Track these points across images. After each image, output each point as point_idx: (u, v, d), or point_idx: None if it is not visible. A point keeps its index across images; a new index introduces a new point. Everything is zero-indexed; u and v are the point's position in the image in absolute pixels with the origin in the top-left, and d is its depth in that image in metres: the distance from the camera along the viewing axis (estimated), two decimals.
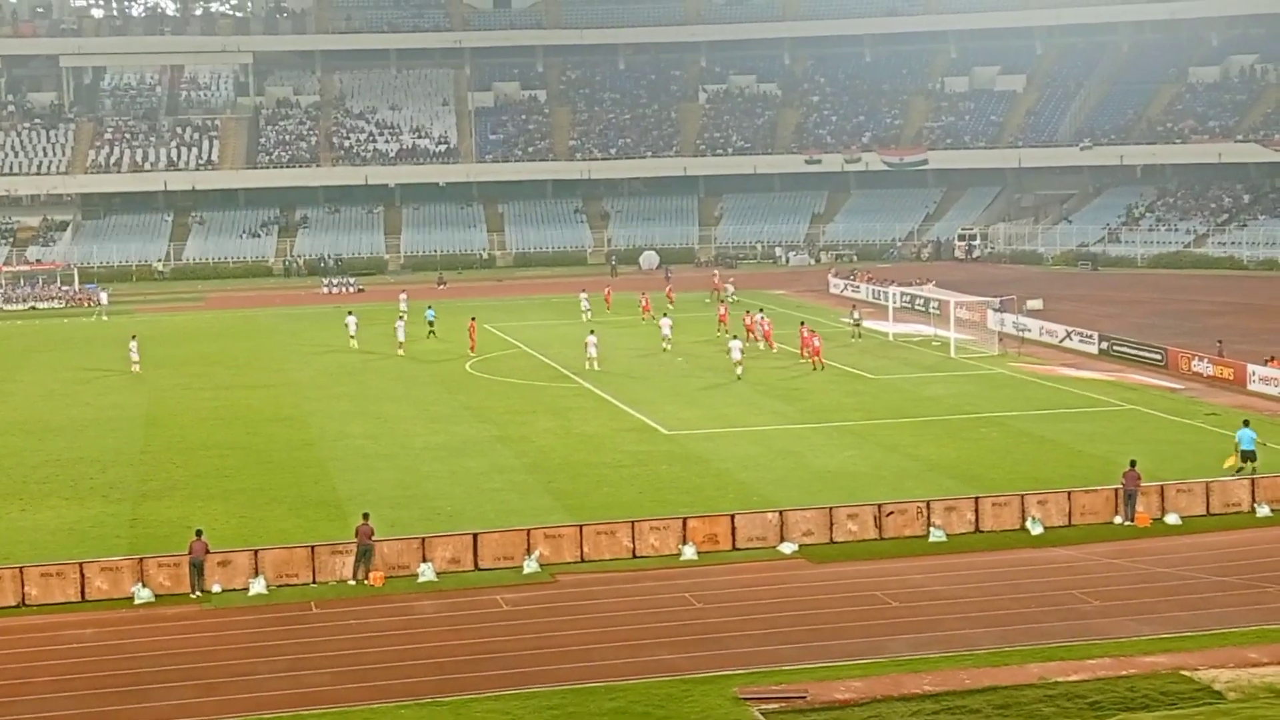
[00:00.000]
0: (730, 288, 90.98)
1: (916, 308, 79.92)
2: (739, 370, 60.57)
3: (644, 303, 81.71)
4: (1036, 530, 37.37)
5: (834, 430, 49.97)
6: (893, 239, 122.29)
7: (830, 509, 37.41)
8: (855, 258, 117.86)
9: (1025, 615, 31.00)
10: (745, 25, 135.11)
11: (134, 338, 68.19)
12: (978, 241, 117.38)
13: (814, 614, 31.46)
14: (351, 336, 73.18)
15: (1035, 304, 76.31)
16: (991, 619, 30.77)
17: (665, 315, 72.71)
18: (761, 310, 75.51)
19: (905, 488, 41.22)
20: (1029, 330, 71.27)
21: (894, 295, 79.04)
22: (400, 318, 73.69)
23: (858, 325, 73.05)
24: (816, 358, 62.86)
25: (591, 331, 66.45)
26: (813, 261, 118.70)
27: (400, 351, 69.31)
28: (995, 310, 73.34)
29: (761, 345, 68.84)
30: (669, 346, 68.55)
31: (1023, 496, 38.29)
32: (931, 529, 37.14)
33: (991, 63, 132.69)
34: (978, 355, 66.46)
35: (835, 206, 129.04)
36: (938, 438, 48.45)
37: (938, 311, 75.27)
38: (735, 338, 64.25)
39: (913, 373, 62.27)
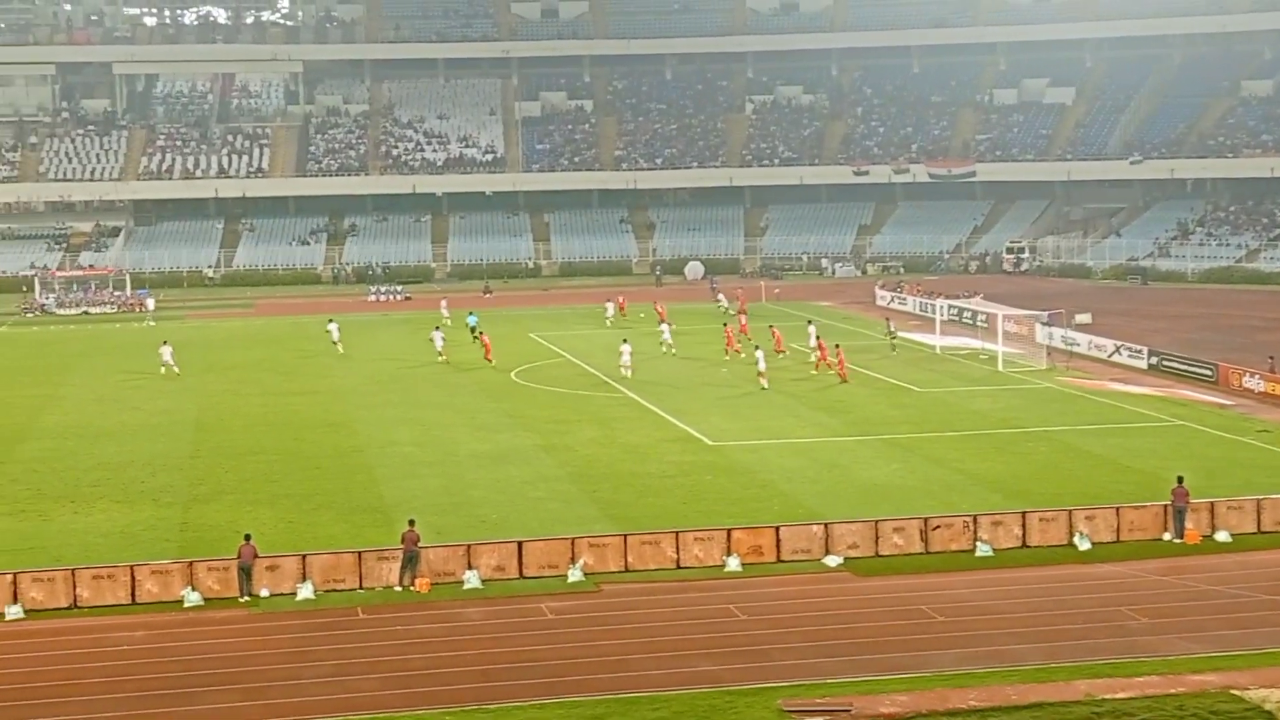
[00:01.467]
0: (723, 299, 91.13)
1: (964, 321, 79.58)
2: (763, 382, 60.70)
3: (740, 324, 78.69)
4: (1084, 546, 37.17)
5: (880, 443, 49.84)
6: (940, 251, 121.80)
7: (876, 522, 37.34)
8: (902, 270, 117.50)
9: (1072, 631, 30.85)
10: (793, 36, 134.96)
11: (165, 343, 69.18)
12: (1026, 254, 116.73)
13: (859, 627, 31.40)
14: (335, 342, 74.37)
15: (1084, 318, 75.92)
16: (1038, 634, 30.63)
17: (726, 324, 73.32)
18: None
19: (951, 502, 41.09)
20: (1077, 344, 70.88)
21: (941, 308, 78.75)
22: (437, 328, 74.06)
23: (893, 337, 72.86)
24: (836, 367, 63.16)
25: (625, 340, 66.67)
26: (859, 273, 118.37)
27: (441, 359, 69.57)
28: (1043, 324, 72.95)
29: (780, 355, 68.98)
30: (735, 353, 69.05)
31: (1070, 512, 38.09)
32: (978, 543, 37.00)
33: (1041, 75, 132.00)
34: (1025, 369, 66.14)
35: (882, 218, 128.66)
36: (984, 452, 48.27)
37: (985, 325, 74.93)
38: (759, 348, 64.20)
39: (960, 386, 62.04)
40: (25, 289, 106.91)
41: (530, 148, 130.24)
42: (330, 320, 77.84)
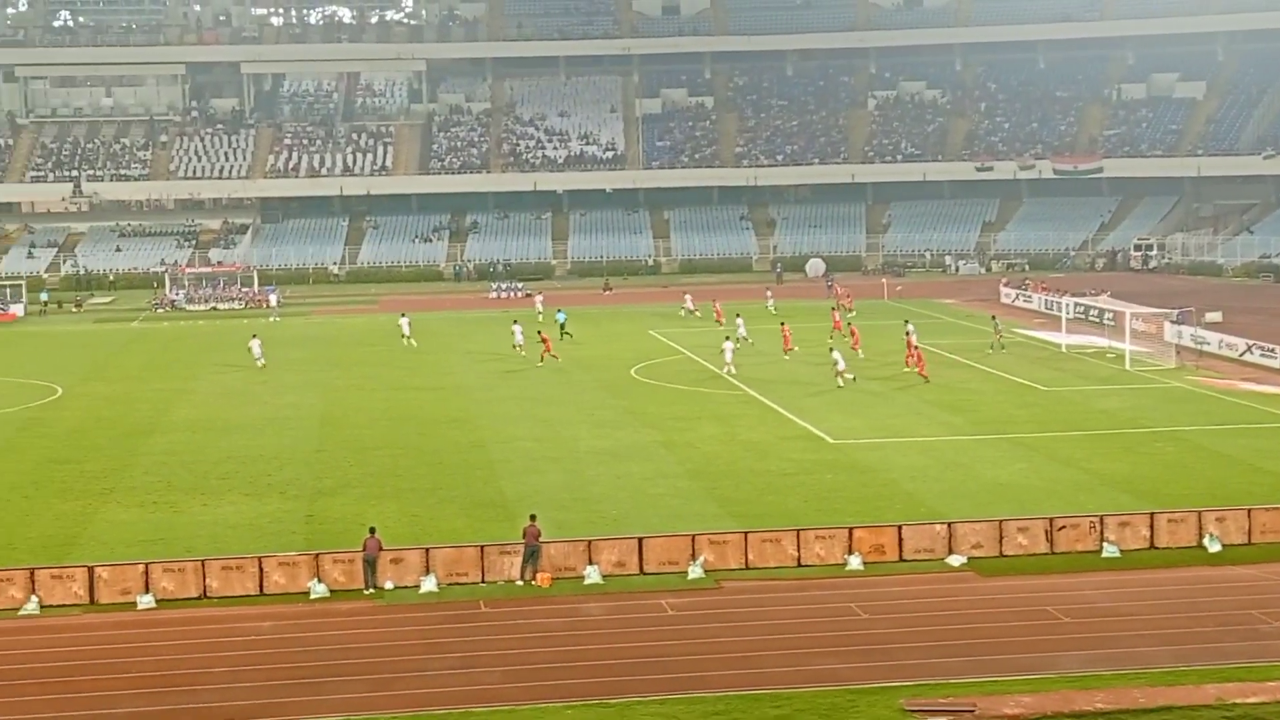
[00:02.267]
0: (769, 297, 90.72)
1: (1090, 319, 78.41)
2: (840, 381, 60.41)
3: (834, 320, 79.25)
4: (1214, 548, 36.45)
5: (1004, 442, 49.27)
6: (1066, 248, 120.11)
7: (1000, 522, 36.90)
8: (1027, 267, 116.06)
9: (1202, 634, 30.27)
10: (916, 31, 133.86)
11: (255, 336, 71.05)
12: (1154, 252, 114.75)
13: (982, 627, 31.06)
14: (405, 336, 75.99)
15: (1214, 316, 74.50)
16: (1166, 637, 30.10)
17: (783, 323, 72.65)
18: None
19: (1078, 502, 40.50)
20: (1207, 343, 69.54)
21: (1067, 306, 77.65)
22: (516, 321, 74.80)
23: (999, 334, 71.94)
24: (919, 366, 62.51)
25: (727, 338, 66.53)
26: (983, 271, 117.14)
27: (520, 351, 70.65)
28: (1173, 322, 71.68)
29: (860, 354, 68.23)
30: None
31: (1200, 513, 37.37)
32: (1104, 544, 36.43)
33: (1170, 69, 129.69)
34: (1154, 368, 65.02)
35: (1007, 215, 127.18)
36: (1111, 451, 47.52)
37: (1112, 323, 73.77)
38: (834, 349, 63.81)
39: (1086, 385, 61.14)
40: (156, 285, 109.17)
41: (650, 145, 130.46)
42: (402, 315, 79.31)
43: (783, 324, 72.39)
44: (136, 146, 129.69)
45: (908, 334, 67.65)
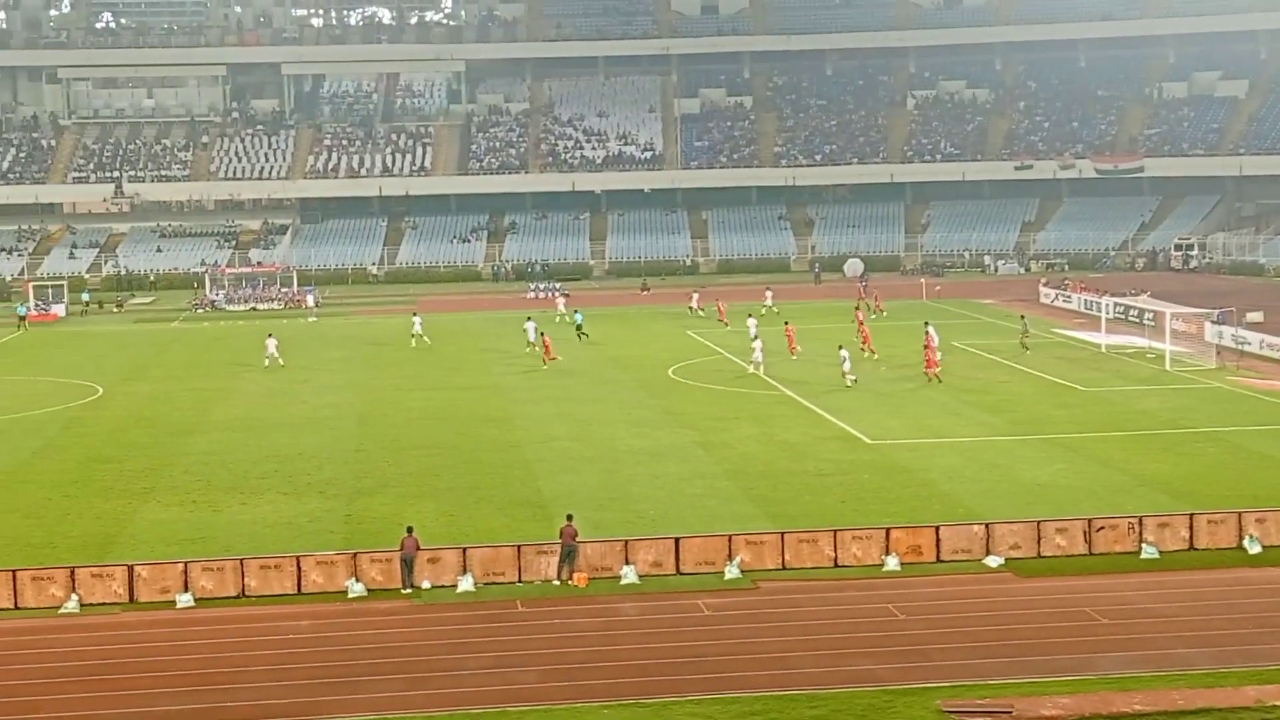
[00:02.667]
0: (769, 296, 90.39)
1: (1130, 319, 77.96)
2: (846, 381, 60.48)
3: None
4: (1254, 549, 36.20)
5: (1043, 443, 49.05)
6: (1106, 248, 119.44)
7: (1038, 523, 36.75)
8: (1066, 267, 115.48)
9: (1242, 636, 30.07)
10: (956, 30, 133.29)
11: (270, 336, 72.04)
12: (1195, 252, 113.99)
13: (1020, 628, 30.94)
14: (415, 334, 77.08)
15: (1256, 316, 73.92)
16: (1206, 639, 29.92)
17: (787, 323, 72.19)
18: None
19: (1117, 503, 40.29)
20: (1248, 343, 69.04)
21: (1107, 306, 77.24)
22: (529, 319, 75.80)
23: (1026, 335, 71.54)
24: (931, 369, 62.06)
25: (755, 337, 66.33)
26: (1022, 270, 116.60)
27: (529, 350, 71.67)
28: (1213, 323, 71.19)
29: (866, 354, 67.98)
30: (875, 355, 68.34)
31: (1240, 514, 37.12)
32: (1143, 545, 36.24)
33: (1212, 68, 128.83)
34: (1194, 369, 64.60)
35: (1047, 214, 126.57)
36: (1151, 452, 47.25)
37: (1152, 323, 73.34)
38: (842, 347, 63.63)
39: (1125, 385, 60.81)
40: (196, 285, 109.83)
41: (689, 145, 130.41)
42: (414, 314, 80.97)
43: (787, 324, 72.05)
44: (177, 147, 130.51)
45: (927, 335, 67.13)
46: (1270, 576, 34.32)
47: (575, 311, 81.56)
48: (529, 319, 75.71)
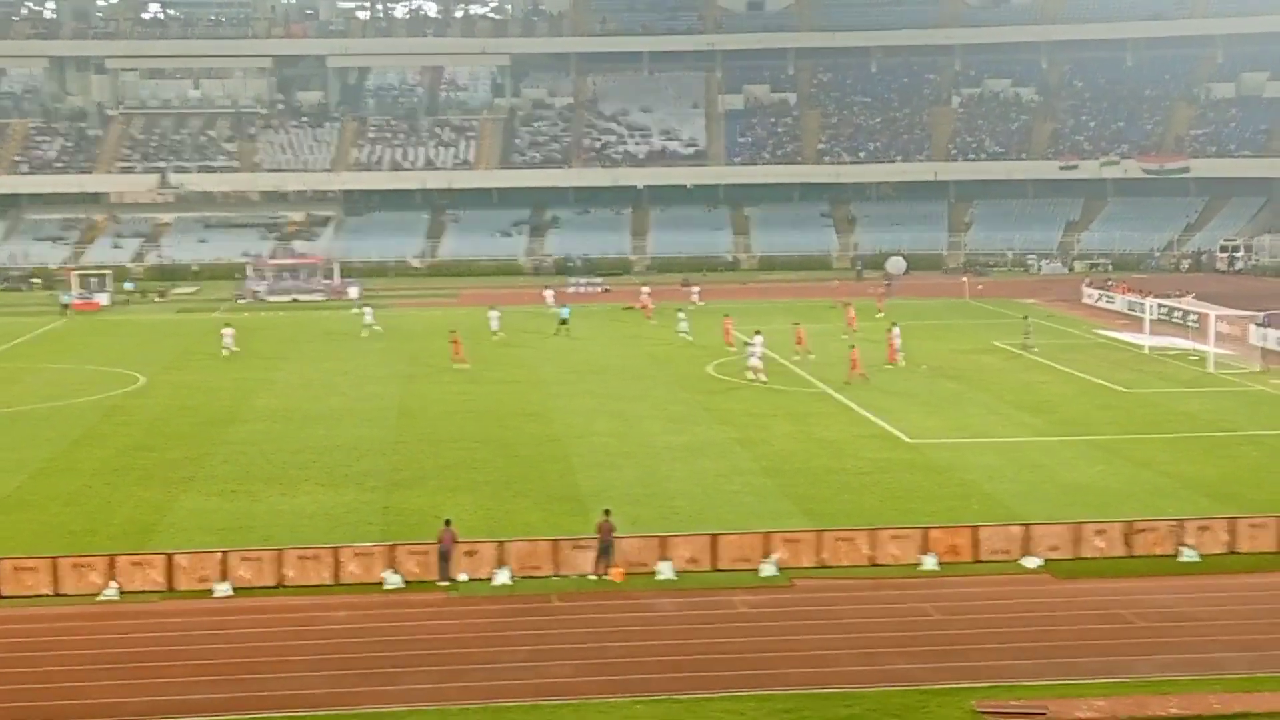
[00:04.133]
0: (696, 294, 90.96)
1: (1174, 321, 77.44)
2: (752, 376, 61.17)
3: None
4: None
5: (1084, 444, 48.78)
6: (1151, 249, 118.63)
7: (1078, 524, 36.58)
8: (1110, 267, 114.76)
9: None
10: (1002, 28, 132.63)
11: (228, 325, 74.43)
12: (1241, 253, 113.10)
13: (1056, 630, 30.80)
14: (368, 324, 79.98)
15: None
16: (1245, 643, 29.71)
17: (894, 325, 71.08)
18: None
19: (1157, 505, 40.04)
20: None
21: (1151, 307, 76.76)
22: (492, 306, 79.37)
23: (1027, 336, 71.04)
24: (854, 370, 61.62)
25: (757, 332, 65.59)
26: (1066, 270, 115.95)
27: (496, 338, 75.27)
28: (1259, 325, 70.65)
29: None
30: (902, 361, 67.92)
31: None
32: (1183, 548, 36.00)
33: (1260, 68, 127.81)
34: (1238, 371, 64.13)
35: (1091, 214, 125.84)
36: (1193, 455, 46.94)
37: (1196, 325, 72.83)
38: (854, 346, 63.32)
39: (1168, 387, 60.42)
40: (238, 276, 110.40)
41: (732, 141, 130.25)
42: (364, 306, 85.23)
43: (796, 324, 71.69)
44: (223, 138, 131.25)
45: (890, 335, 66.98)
46: None
47: (564, 306, 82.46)
48: (492, 306, 79.23)
